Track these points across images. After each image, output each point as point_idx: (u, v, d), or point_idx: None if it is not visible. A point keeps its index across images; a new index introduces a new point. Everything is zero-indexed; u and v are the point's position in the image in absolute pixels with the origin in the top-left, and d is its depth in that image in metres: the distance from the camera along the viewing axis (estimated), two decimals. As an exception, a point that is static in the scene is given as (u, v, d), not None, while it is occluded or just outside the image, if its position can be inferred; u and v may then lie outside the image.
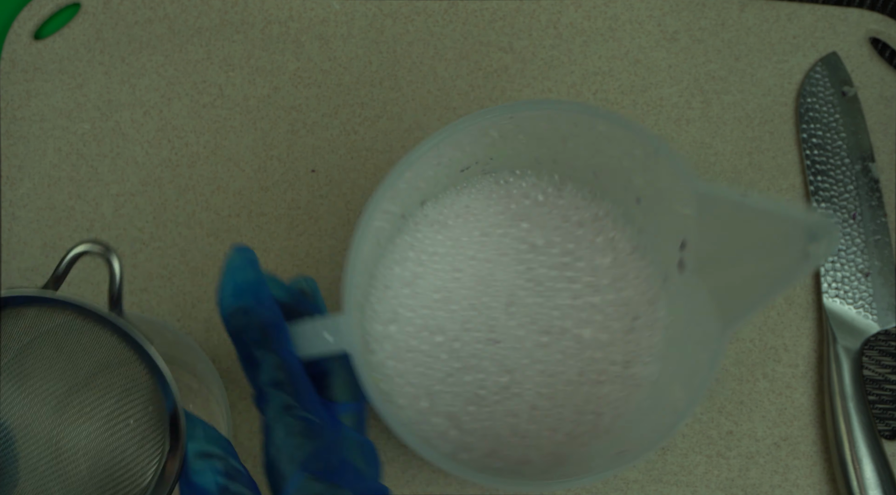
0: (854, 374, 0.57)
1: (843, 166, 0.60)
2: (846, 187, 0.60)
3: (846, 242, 0.60)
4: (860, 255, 0.59)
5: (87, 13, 0.63)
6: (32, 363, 0.39)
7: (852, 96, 0.61)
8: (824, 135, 0.61)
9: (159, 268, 0.62)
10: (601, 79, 0.62)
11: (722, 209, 0.44)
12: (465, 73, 0.62)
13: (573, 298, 0.52)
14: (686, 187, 0.45)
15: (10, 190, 0.62)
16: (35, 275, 0.61)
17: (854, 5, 0.63)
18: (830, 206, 0.60)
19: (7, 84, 0.62)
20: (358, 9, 0.63)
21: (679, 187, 0.46)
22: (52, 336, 0.39)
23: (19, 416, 0.39)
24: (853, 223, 0.60)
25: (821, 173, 0.60)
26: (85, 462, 0.39)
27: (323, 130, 0.62)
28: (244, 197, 0.62)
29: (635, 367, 0.51)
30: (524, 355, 0.52)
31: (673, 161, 0.45)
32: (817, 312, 0.60)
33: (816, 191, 0.60)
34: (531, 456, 0.51)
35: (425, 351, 0.52)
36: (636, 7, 0.62)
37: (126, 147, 0.62)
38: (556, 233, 0.53)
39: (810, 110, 0.61)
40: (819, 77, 0.61)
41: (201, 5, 0.63)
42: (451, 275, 0.53)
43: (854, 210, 0.60)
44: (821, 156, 0.61)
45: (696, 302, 0.47)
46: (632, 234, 0.53)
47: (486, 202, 0.54)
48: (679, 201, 0.46)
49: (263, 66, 0.63)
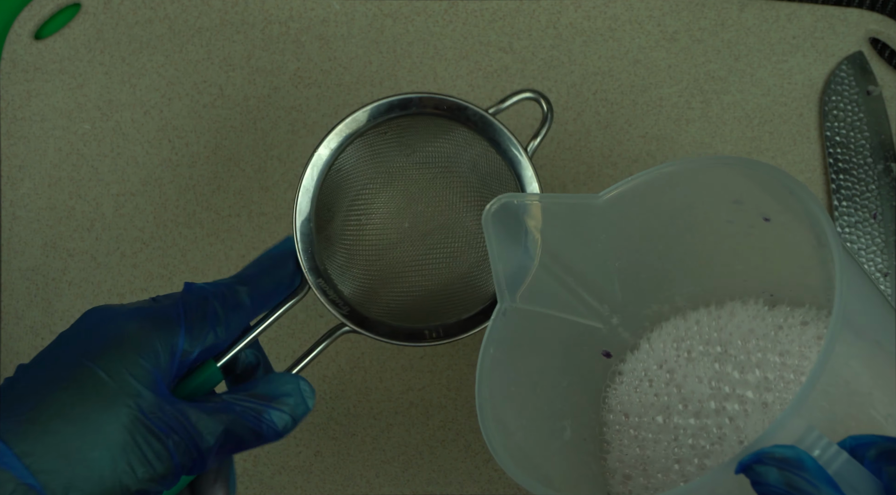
0: None
1: (865, 165, 0.60)
2: (867, 186, 0.60)
3: (866, 242, 0.60)
4: (880, 255, 0.60)
5: (88, 13, 0.63)
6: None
7: (877, 96, 0.61)
8: (847, 134, 0.61)
9: (159, 268, 0.62)
10: (601, 79, 0.62)
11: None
12: (465, 73, 0.62)
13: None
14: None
15: (11, 190, 0.62)
16: (35, 274, 0.61)
17: (854, 5, 0.63)
18: (851, 205, 0.60)
19: (7, 84, 0.62)
20: (358, 9, 0.63)
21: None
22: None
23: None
24: (874, 222, 0.60)
25: (843, 172, 0.60)
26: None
27: (323, 130, 0.62)
28: (244, 197, 0.62)
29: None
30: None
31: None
32: None
33: (838, 189, 0.60)
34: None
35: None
36: (636, 7, 0.62)
37: (126, 147, 0.62)
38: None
39: (834, 109, 0.61)
40: (844, 76, 0.61)
41: (201, 5, 0.63)
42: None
43: (875, 209, 0.60)
44: (843, 155, 0.61)
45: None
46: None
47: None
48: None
49: (263, 66, 0.63)
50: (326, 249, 0.51)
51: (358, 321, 0.51)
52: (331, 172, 0.51)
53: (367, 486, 0.60)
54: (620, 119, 0.62)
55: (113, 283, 0.61)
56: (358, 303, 0.51)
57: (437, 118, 0.51)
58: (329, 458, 0.60)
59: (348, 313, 0.51)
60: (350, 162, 0.52)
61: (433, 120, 0.52)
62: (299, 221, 0.51)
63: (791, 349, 0.48)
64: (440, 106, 0.51)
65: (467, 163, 0.53)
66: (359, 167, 0.53)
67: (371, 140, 0.52)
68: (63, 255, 0.61)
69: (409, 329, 0.51)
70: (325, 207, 0.52)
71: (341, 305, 0.51)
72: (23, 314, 0.61)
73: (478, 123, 0.51)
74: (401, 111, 0.51)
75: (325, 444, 0.60)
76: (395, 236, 0.53)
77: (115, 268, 0.61)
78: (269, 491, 0.60)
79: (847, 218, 0.60)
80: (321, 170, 0.51)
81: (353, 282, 0.52)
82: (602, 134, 0.62)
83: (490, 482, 0.60)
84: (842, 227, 0.60)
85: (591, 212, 0.47)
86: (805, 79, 0.62)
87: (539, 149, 0.62)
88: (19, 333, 0.61)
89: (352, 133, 0.51)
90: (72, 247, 0.62)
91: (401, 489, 0.60)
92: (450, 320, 0.51)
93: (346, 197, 0.53)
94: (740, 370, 0.48)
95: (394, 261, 0.53)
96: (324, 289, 0.51)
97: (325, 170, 0.51)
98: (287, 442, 0.60)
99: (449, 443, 0.60)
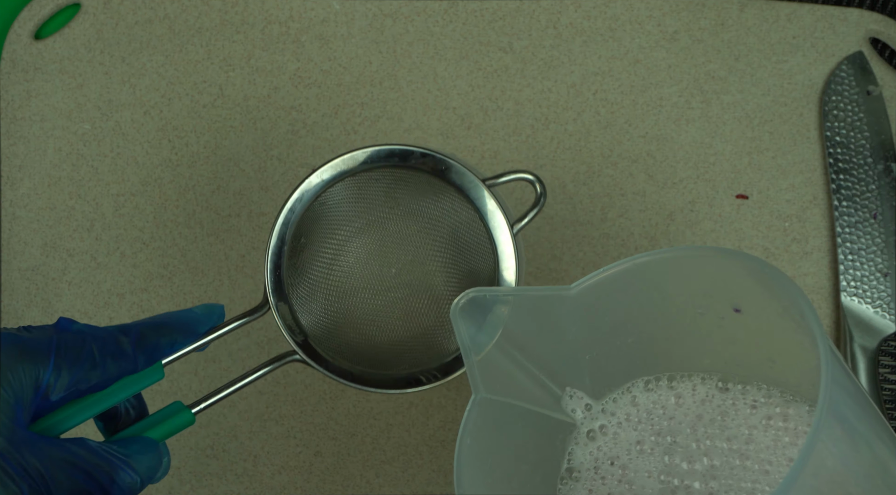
0: (870, 373, 0.58)
1: (865, 165, 0.60)
2: (868, 186, 0.60)
3: (866, 242, 0.60)
4: (880, 255, 0.60)
5: (88, 13, 0.63)
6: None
7: (877, 96, 0.61)
8: (848, 134, 0.61)
9: (160, 268, 0.62)
10: (601, 79, 0.62)
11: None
12: (465, 72, 0.62)
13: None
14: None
15: (11, 190, 0.62)
16: (35, 274, 0.61)
17: (854, 5, 0.63)
18: (852, 205, 0.60)
19: (7, 84, 0.62)
20: (358, 9, 0.63)
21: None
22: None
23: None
24: (874, 222, 0.60)
25: (843, 172, 0.60)
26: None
27: (323, 130, 0.62)
28: (244, 197, 0.62)
29: None
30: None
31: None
32: (835, 310, 0.60)
33: (838, 190, 0.60)
34: None
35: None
36: (636, 7, 0.63)
37: (126, 147, 0.62)
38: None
39: (835, 109, 0.61)
40: (844, 76, 0.61)
41: (201, 5, 0.63)
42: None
43: (875, 209, 0.60)
44: (843, 155, 0.61)
45: None
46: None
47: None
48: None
49: (263, 66, 0.63)
50: (292, 277, 0.51)
51: (310, 352, 0.51)
52: (315, 203, 0.51)
53: (367, 486, 0.60)
54: (620, 119, 0.62)
55: (113, 283, 0.61)
56: (313, 336, 0.51)
57: (432, 177, 0.51)
58: (329, 458, 0.60)
59: (302, 342, 0.51)
60: (336, 198, 0.52)
61: (428, 177, 0.51)
62: (273, 241, 0.51)
63: (738, 433, 0.49)
64: (438, 166, 0.51)
65: (449, 228, 0.52)
66: (342, 206, 0.52)
67: (361, 182, 0.52)
68: (63, 255, 0.62)
69: (359, 372, 0.51)
70: (301, 235, 0.52)
71: (296, 333, 0.51)
72: (23, 314, 0.61)
73: (471, 192, 0.51)
74: (399, 161, 0.51)
75: (325, 444, 0.60)
76: (359, 282, 0.53)
77: (115, 268, 0.61)
78: (269, 491, 0.60)
79: (847, 218, 0.60)
80: (308, 198, 0.51)
81: (311, 315, 0.52)
82: (602, 134, 0.62)
83: (490, 482, 0.60)
84: (842, 227, 0.60)
85: (562, 303, 0.47)
86: (805, 79, 0.62)
87: (539, 149, 0.62)
88: (19, 333, 0.61)
89: (346, 170, 0.51)
90: (72, 247, 0.62)
91: (401, 489, 0.60)
92: (400, 373, 0.51)
93: (322, 231, 0.52)
94: (688, 460, 0.49)
95: (354, 305, 0.53)
96: (282, 313, 0.51)
97: (311, 199, 0.51)
98: (287, 442, 0.60)
99: (449, 443, 0.60)
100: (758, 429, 0.48)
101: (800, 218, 0.61)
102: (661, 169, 0.62)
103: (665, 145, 0.62)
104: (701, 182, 0.61)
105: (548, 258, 0.61)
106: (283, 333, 0.50)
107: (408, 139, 0.62)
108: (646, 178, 0.61)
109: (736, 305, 0.47)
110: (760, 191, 0.61)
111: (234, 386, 0.49)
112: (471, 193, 0.51)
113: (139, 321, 0.47)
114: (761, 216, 0.61)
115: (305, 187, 0.51)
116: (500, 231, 0.51)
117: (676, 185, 0.61)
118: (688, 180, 0.61)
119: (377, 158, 0.51)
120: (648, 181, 0.61)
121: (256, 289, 0.61)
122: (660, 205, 0.61)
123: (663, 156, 0.62)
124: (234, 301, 0.61)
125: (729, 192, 0.61)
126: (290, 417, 0.60)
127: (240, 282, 0.61)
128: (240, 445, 0.60)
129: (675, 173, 0.61)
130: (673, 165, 0.62)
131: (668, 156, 0.62)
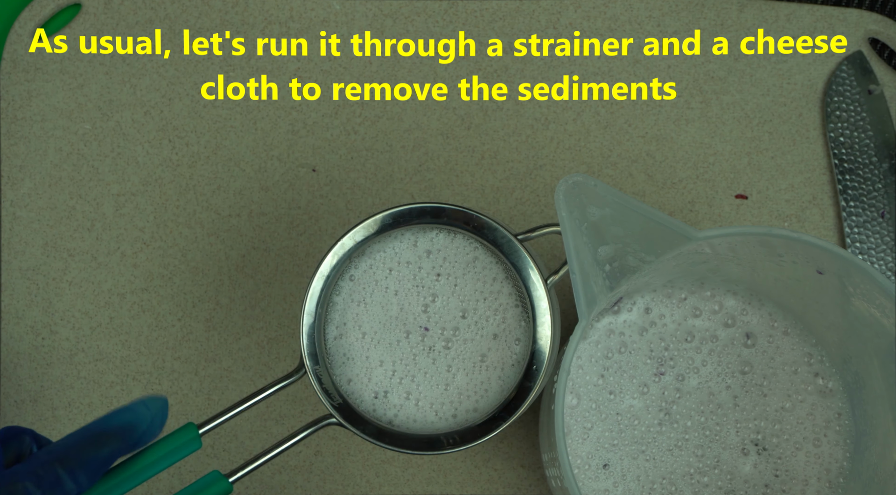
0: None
1: (870, 165, 0.61)
2: (874, 185, 0.61)
3: (875, 241, 0.60)
4: (889, 254, 0.60)
5: (88, 13, 0.63)
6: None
7: (878, 95, 0.61)
8: (851, 134, 0.61)
9: (160, 268, 0.62)
10: (601, 79, 0.62)
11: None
12: (465, 72, 0.63)
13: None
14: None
15: (11, 189, 0.62)
16: (35, 274, 0.61)
17: (854, 5, 0.63)
18: (859, 205, 0.60)
19: (8, 84, 0.62)
20: (358, 9, 0.63)
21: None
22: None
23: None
24: (881, 221, 0.60)
25: (849, 172, 0.61)
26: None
27: (323, 130, 0.62)
28: (244, 197, 0.62)
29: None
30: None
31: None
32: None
33: (845, 190, 0.61)
34: None
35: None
36: (636, 7, 0.63)
37: (127, 147, 0.62)
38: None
39: (837, 109, 0.61)
40: (845, 76, 0.61)
41: (201, 5, 0.63)
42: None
43: (882, 208, 0.60)
44: (848, 155, 0.61)
45: None
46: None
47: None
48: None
49: (264, 65, 0.63)
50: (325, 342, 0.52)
51: (346, 415, 0.51)
52: (343, 279, 0.52)
53: (367, 486, 0.60)
54: (620, 119, 0.62)
55: (113, 283, 0.61)
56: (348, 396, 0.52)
57: (470, 238, 0.52)
58: (329, 458, 0.60)
59: (339, 405, 0.51)
60: (360, 272, 0.53)
61: (466, 239, 0.52)
62: (307, 306, 0.51)
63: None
64: (472, 223, 0.52)
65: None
66: (368, 279, 0.53)
67: (388, 257, 0.53)
68: (63, 255, 0.62)
69: (393, 433, 0.51)
70: (335, 324, 0.52)
71: (334, 396, 0.51)
72: (23, 314, 0.61)
73: (503, 247, 0.51)
74: (431, 219, 0.52)
75: (325, 444, 0.60)
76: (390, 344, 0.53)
77: (116, 268, 0.62)
78: (269, 491, 0.60)
79: (855, 218, 0.60)
80: (340, 259, 0.52)
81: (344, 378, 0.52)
82: (602, 134, 0.62)
83: (490, 482, 0.60)
84: (850, 228, 0.60)
85: (677, 241, 0.49)
86: (805, 79, 0.62)
87: (539, 149, 0.62)
88: (19, 333, 0.61)
89: (371, 234, 0.52)
90: (72, 246, 0.62)
91: (401, 489, 0.60)
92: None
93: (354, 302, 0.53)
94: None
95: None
96: (319, 376, 0.51)
97: (344, 259, 0.52)
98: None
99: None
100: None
101: (799, 218, 0.61)
102: (661, 169, 0.62)
103: (665, 145, 0.62)
104: (700, 182, 0.62)
105: (547, 258, 0.61)
106: (321, 398, 0.51)
107: (408, 140, 0.62)
108: (645, 178, 0.62)
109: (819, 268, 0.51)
110: (760, 192, 0.61)
111: (270, 454, 0.50)
112: (503, 248, 0.51)
113: (77, 433, 0.44)
114: (761, 216, 0.61)
115: (338, 250, 0.51)
116: (534, 282, 0.51)
117: (676, 185, 0.62)
118: (687, 180, 0.62)
119: (409, 217, 0.52)
120: (648, 181, 0.62)
121: (256, 289, 0.61)
122: (659, 205, 0.61)
123: (663, 157, 0.62)
124: (234, 301, 0.61)
125: (728, 192, 0.61)
126: (290, 417, 0.60)
127: (240, 282, 0.61)
128: (240, 445, 0.60)
129: (675, 173, 0.62)
130: (672, 165, 0.62)
131: (667, 157, 0.62)
